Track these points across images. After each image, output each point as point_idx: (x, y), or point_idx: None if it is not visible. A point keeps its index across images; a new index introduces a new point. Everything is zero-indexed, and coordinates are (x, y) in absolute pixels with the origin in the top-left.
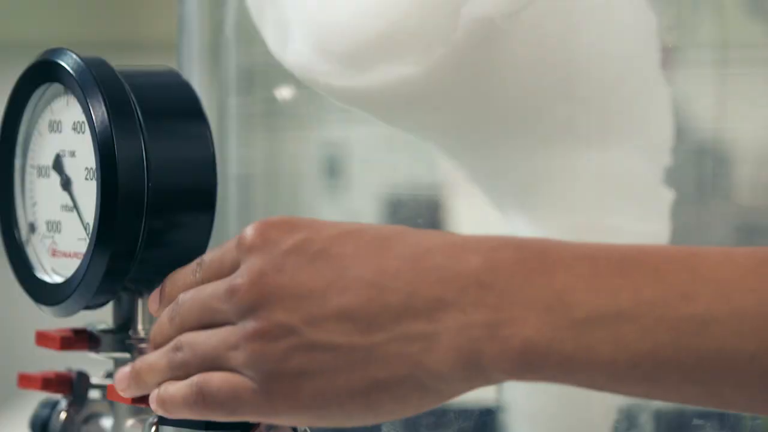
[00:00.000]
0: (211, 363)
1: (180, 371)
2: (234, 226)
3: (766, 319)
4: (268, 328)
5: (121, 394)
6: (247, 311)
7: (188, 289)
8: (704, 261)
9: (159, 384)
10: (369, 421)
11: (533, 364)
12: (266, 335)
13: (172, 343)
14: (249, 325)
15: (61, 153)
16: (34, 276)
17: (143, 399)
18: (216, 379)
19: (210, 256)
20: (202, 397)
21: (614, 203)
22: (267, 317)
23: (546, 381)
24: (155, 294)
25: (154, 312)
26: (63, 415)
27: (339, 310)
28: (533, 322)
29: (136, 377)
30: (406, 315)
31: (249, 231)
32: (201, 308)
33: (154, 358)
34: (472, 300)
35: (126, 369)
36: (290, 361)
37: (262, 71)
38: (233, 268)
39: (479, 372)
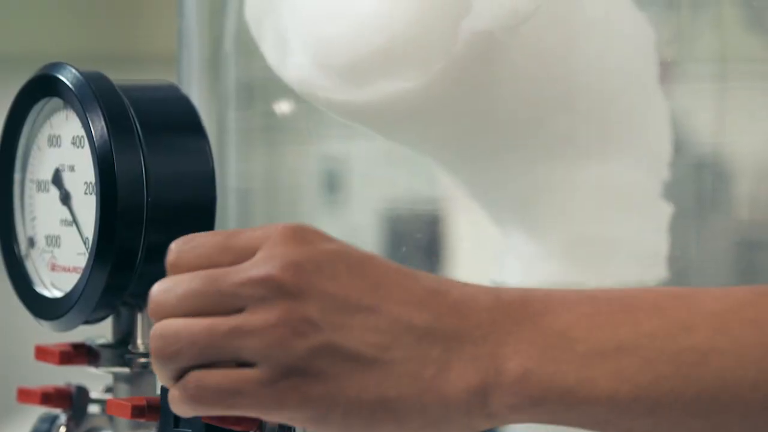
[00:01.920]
0: (213, 352)
1: (169, 363)
2: None
3: (766, 349)
4: (298, 320)
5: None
6: (278, 298)
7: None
8: (703, 296)
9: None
10: None
11: (534, 396)
12: (293, 326)
13: (153, 331)
14: (276, 313)
15: (60, 167)
16: (34, 290)
17: (143, 413)
18: (214, 373)
19: (202, 240)
20: (199, 393)
21: (614, 216)
22: (299, 309)
23: (547, 418)
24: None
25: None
26: (62, 430)
27: (367, 322)
28: (535, 355)
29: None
30: (427, 339)
31: (281, 227)
32: (212, 293)
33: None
34: (483, 334)
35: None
36: (311, 359)
37: (262, 85)
38: (243, 257)
39: (482, 404)
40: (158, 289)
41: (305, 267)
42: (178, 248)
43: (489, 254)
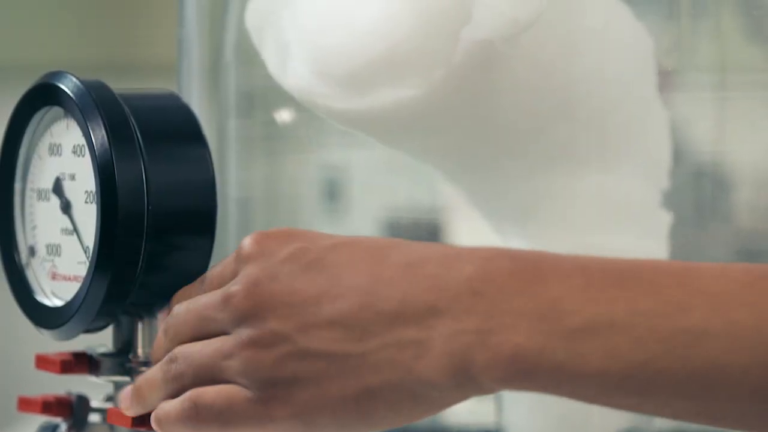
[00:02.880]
0: (206, 373)
1: (176, 383)
2: (234, 248)
3: (760, 334)
4: (262, 335)
5: (126, 413)
6: (242, 319)
7: None
8: (700, 275)
9: (160, 400)
10: (362, 429)
11: (524, 372)
12: (260, 343)
13: (167, 356)
14: (243, 333)
15: (60, 176)
16: (34, 299)
17: (143, 422)
18: (210, 391)
19: (212, 271)
20: (196, 411)
21: (613, 225)
22: (261, 325)
23: (537, 391)
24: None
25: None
26: None
27: (331, 317)
28: (525, 329)
29: (136, 394)
30: (399, 322)
31: (246, 241)
32: (196, 318)
33: (151, 372)
34: (464, 307)
35: (129, 387)
36: (284, 368)
37: (262, 94)
38: (232, 279)
39: (470, 379)
40: (173, 312)
41: (261, 282)
42: (198, 283)
43: None
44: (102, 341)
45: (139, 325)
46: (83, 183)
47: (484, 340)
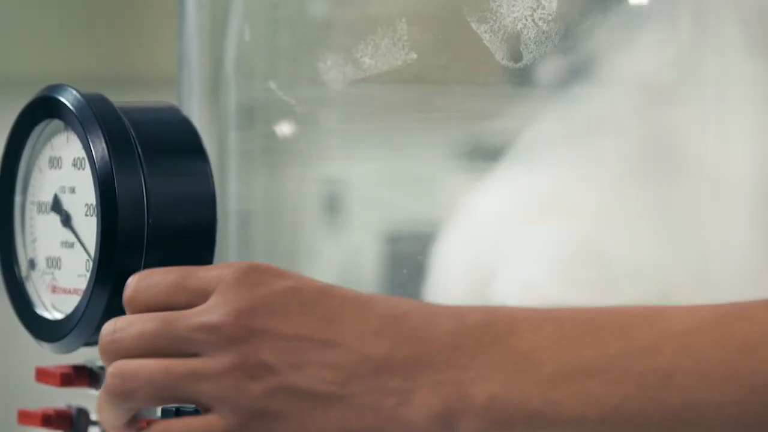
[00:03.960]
0: (169, 394)
1: (126, 402)
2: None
3: (731, 370)
4: (251, 364)
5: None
6: (229, 344)
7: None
8: (668, 316)
9: (114, 420)
10: None
11: (501, 421)
12: (248, 372)
13: (109, 371)
14: (230, 359)
15: (60, 190)
16: (34, 312)
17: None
18: (179, 421)
19: (157, 279)
20: None
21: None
22: (252, 354)
23: None
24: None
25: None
26: None
27: (323, 358)
28: (500, 379)
29: (97, 410)
30: (385, 370)
31: (234, 269)
32: (161, 337)
33: (102, 389)
34: (445, 360)
35: None
36: (269, 401)
37: (263, 107)
38: (197, 299)
39: (450, 428)
40: (113, 328)
41: (257, 311)
42: (135, 285)
43: (488, 276)
44: None
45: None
46: (83, 196)
47: (462, 391)
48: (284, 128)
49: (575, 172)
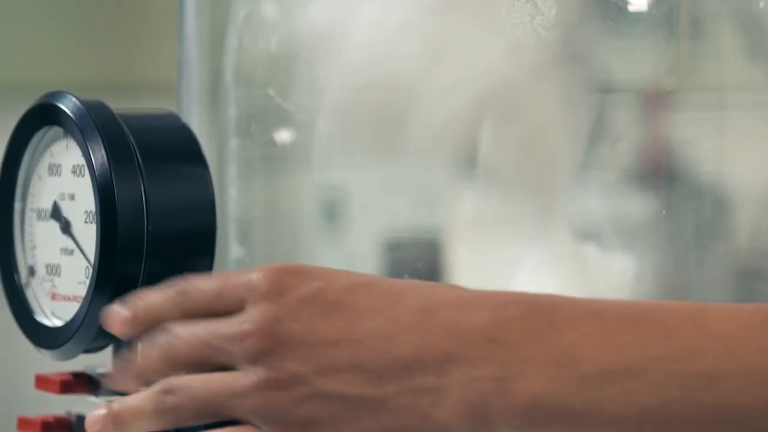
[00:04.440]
0: (212, 409)
1: (173, 416)
2: (233, 269)
3: None
4: (280, 376)
5: None
6: (258, 357)
7: (168, 317)
8: (712, 316)
9: (145, 430)
10: None
11: (541, 419)
12: (278, 383)
13: (160, 386)
14: (260, 372)
15: (60, 197)
16: (34, 319)
17: None
18: None
19: (199, 286)
20: None
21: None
22: (279, 366)
23: None
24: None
25: (123, 335)
26: None
27: (351, 361)
28: (541, 377)
29: (115, 421)
30: (417, 368)
31: (262, 275)
32: (204, 346)
33: (137, 400)
34: (481, 355)
35: (100, 412)
36: (300, 409)
37: (262, 114)
38: (236, 306)
39: (487, 426)
40: (165, 337)
41: (282, 320)
42: (183, 291)
43: (490, 283)
44: (101, 361)
45: (139, 345)
46: (83, 203)
47: (501, 388)
48: (283, 135)
49: None
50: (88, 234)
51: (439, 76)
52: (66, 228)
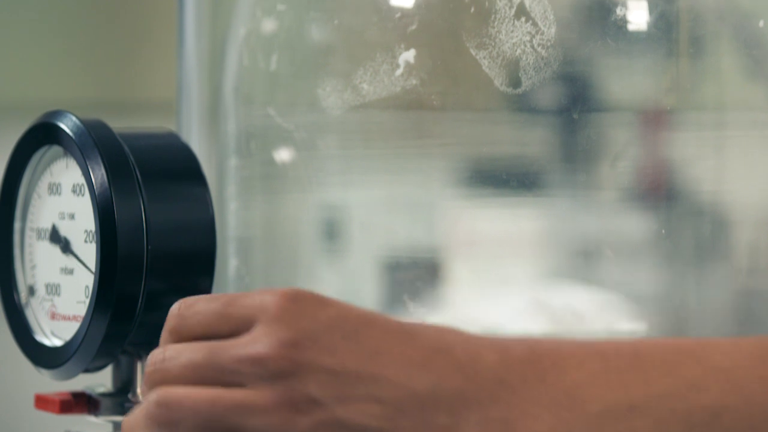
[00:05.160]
0: (215, 426)
1: (167, 431)
2: (233, 288)
3: None
4: (299, 398)
5: None
6: (277, 379)
7: (166, 337)
8: (713, 351)
9: None
10: None
11: None
12: (296, 405)
13: (154, 397)
14: (278, 393)
15: (60, 216)
16: (34, 339)
17: None
18: None
19: (198, 307)
20: None
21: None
22: (298, 388)
23: None
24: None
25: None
26: None
27: (369, 392)
28: (547, 418)
29: None
30: (431, 405)
31: (276, 298)
32: (212, 365)
33: (134, 415)
34: (490, 396)
35: None
36: None
37: (261, 133)
38: (240, 328)
39: None
40: (159, 358)
41: (301, 344)
42: (180, 313)
43: (488, 303)
44: (101, 381)
45: (139, 365)
46: (83, 222)
47: (509, 429)
48: (283, 154)
49: None
50: (88, 253)
51: None
52: (66, 248)
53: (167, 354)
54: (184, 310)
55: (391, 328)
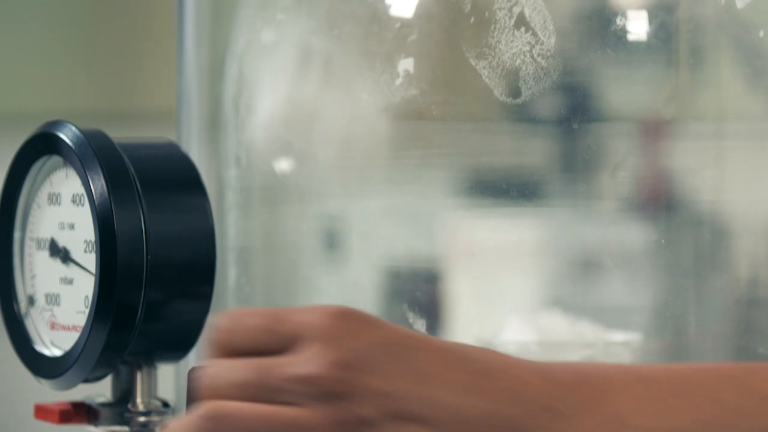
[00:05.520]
0: None
1: None
2: (233, 298)
3: None
4: (350, 419)
5: None
6: (329, 398)
7: (213, 354)
8: (753, 376)
9: None
10: None
11: None
12: (347, 426)
13: (204, 411)
14: (330, 413)
15: (60, 226)
16: (33, 349)
17: None
18: None
19: (245, 322)
20: None
21: None
22: (349, 409)
23: None
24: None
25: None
26: None
27: (420, 414)
28: None
29: None
30: (481, 430)
31: (324, 317)
32: (260, 382)
33: (182, 426)
34: (538, 424)
35: None
36: None
37: (261, 144)
38: (285, 345)
39: None
40: (208, 372)
41: (354, 366)
42: (229, 329)
43: (488, 313)
44: (101, 391)
45: (138, 375)
46: (82, 232)
47: None
48: (283, 164)
49: None
50: (87, 263)
51: None
52: (65, 258)
53: (216, 369)
54: (231, 325)
55: (440, 350)
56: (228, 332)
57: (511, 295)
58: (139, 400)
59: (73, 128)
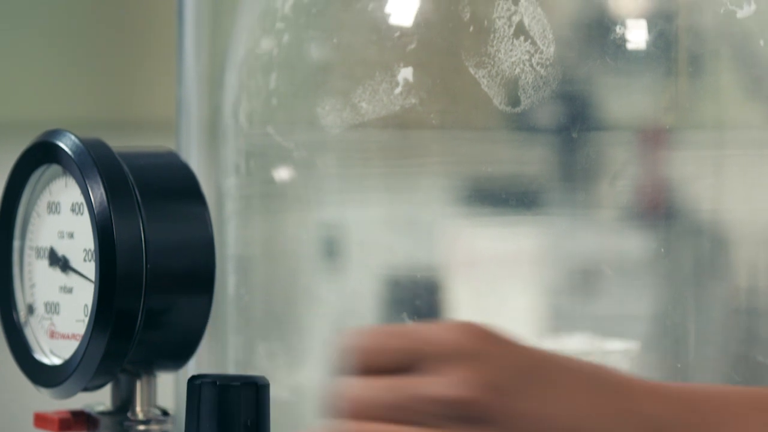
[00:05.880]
0: None
1: None
2: (232, 307)
3: None
4: None
5: None
6: (474, 422)
7: (352, 374)
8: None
9: None
10: None
11: None
12: None
13: (342, 429)
14: None
15: (59, 235)
16: (33, 358)
17: None
18: None
19: (385, 343)
20: None
21: None
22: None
23: None
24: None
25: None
26: None
27: None
28: None
29: None
30: None
31: (463, 336)
32: (406, 406)
33: None
34: None
35: None
36: None
37: (261, 152)
38: (430, 361)
39: None
40: (347, 391)
41: (501, 390)
42: (368, 348)
43: (487, 321)
44: (100, 399)
45: (138, 384)
46: (82, 241)
47: None
48: (282, 173)
49: None
50: (87, 272)
51: None
52: (65, 268)
53: (356, 389)
54: (373, 344)
55: (580, 373)
56: (368, 352)
57: (510, 303)
58: (138, 408)
59: (73, 137)
